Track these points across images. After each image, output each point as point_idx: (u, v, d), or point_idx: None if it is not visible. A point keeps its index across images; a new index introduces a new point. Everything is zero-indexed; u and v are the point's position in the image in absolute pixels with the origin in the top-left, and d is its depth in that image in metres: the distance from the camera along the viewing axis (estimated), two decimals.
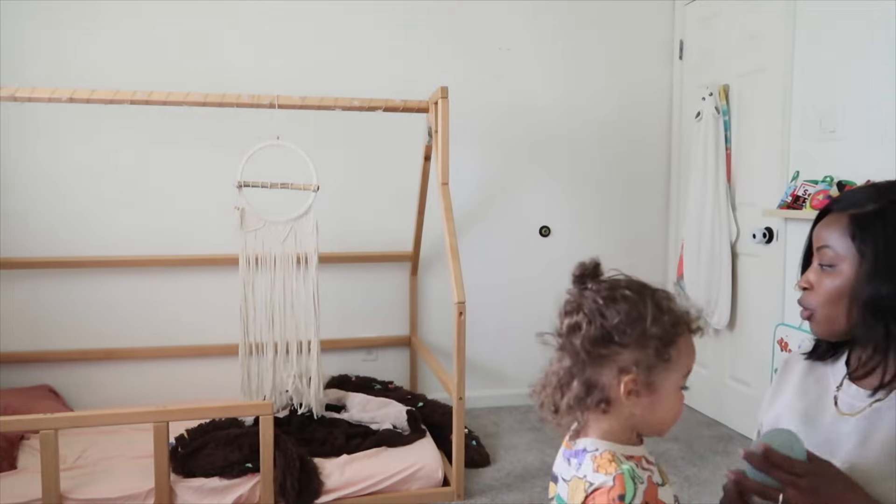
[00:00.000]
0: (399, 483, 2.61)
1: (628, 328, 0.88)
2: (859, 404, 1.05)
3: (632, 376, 0.89)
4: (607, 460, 0.89)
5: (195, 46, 3.34)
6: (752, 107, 3.21)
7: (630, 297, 0.90)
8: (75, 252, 3.30)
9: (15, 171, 3.23)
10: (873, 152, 2.55)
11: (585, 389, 0.91)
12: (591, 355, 0.90)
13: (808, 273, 1.07)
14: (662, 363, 0.90)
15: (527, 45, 3.71)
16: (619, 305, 0.89)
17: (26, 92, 2.59)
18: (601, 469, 0.88)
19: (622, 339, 0.89)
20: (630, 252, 3.91)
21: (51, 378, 3.31)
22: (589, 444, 0.92)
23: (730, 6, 3.36)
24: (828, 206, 1.07)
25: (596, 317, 0.89)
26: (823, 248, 1.04)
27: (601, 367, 0.91)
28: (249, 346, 2.84)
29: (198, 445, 2.59)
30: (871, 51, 2.56)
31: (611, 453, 0.90)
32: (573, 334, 0.91)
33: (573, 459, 0.94)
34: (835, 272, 1.02)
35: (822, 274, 1.04)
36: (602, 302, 0.90)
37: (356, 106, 2.83)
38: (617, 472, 0.87)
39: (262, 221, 2.81)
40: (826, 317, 1.04)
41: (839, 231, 1.02)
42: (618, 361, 0.90)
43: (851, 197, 1.05)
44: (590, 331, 0.89)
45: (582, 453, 0.92)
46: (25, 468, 2.52)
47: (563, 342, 0.93)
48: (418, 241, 3.53)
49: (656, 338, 0.89)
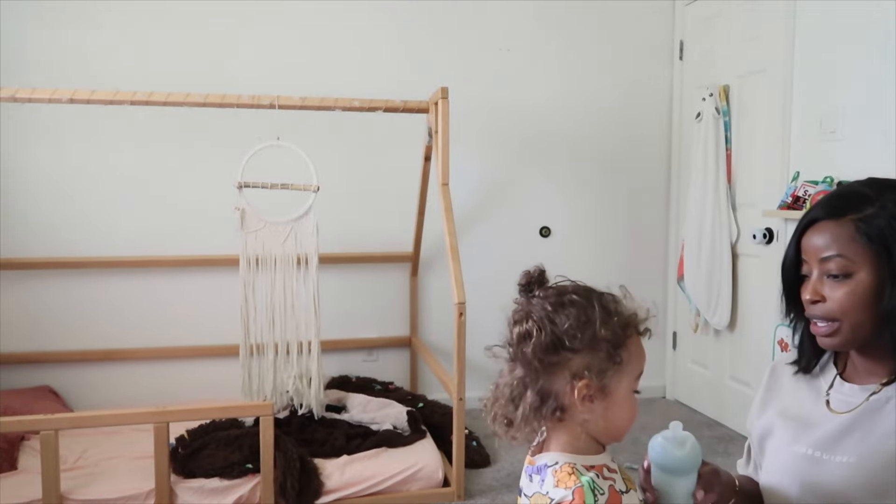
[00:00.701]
0: (399, 484, 2.61)
1: (578, 333, 0.88)
2: (855, 400, 1.05)
3: (585, 381, 0.88)
4: (567, 473, 0.88)
5: (195, 47, 3.34)
6: (752, 107, 3.21)
7: (578, 302, 0.90)
8: (76, 252, 3.30)
9: (15, 172, 3.23)
10: (874, 153, 2.55)
11: (540, 399, 0.90)
12: (543, 363, 0.89)
13: (814, 285, 1.03)
14: (614, 366, 0.90)
15: (527, 45, 3.71)
16: (568, 310, 0.89)
17: (26, 93, 2.59)
18: (561, 483, 0.87)
19: (573, 345, 0.88)
20: (630, 253, 3.91)
21: (51, 379, 3.31)
22: (549, 459, 0.91)
23: (730, 7, 3.36)
24: (812, 216, 1.04)
25: (545, 323, 0.89)
26: (833, 258, 1.00)
27: (554, 374, 0.90)
28: (250, 346, 2.84)
29: (198, 446, 2.59)
30: (872, 51, 2.56)
31: (570, 466, 0.89)
32: (524, 343, 0.90)
33: (535, 476, 0.92)
34: (851, 280, 0.99)
35: (834, 284, 1.01)
36: (550, 308, 0.89)
37: (356, 106, 2.83)
38: (576, 485, 0.86)
39: (263, 222, 2.81)
40: (852, 326, 1.01)
41: (847, 237, 0.99)
42: (570, 367, 0.89)
43: (835, 202, 1.03)
44: (540, 338, 0.88)
45: (543, 469, 0.91)
46: (26, 469, 2.52)
47: (513, 352, 0.92)
48: (418, 242, 3.53)
49: (606, 340, 0.88)
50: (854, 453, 1.00)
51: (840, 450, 1.02)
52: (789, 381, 1.18)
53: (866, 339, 1.02)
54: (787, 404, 1.15)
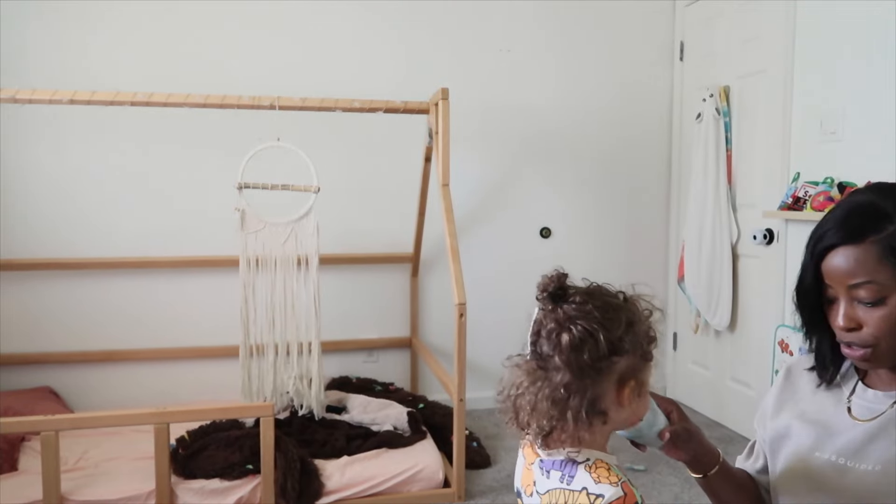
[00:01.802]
0: (400, 484, 2.61)
1: (626, 336, 0.88)
2: (879, 407, 1.02)
3: (633, 383, 0.90)
4: (605, 469, 0.87)
5: (196, 48, 3.34)
6: (752, 108, 3.21)
7: (621, 306, 0.90)
8: (76, 253, 3.30)
9: (16, 172, 3.23)
10: (874, 153, 2.55)
11: (590, 404, 0.88)
12: (595, 369, 0.88)
13: (847, 312, 0.98)
14: (646, 364, 0.92)
15: (527, 46, 3.71)
16: (614, 315, 0.89)
17: (27, 93, 2.59)
18: (603, 479, 0.86)
19: (623, 348, 0.88)
20: (630, 253, 3.91)
21: (52, 379, 3.31)
22: (577, 455, 0.89)
23: (730, 7, 3.36)
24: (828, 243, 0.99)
25: (598, 330, 0.87)
26: (861, 286, 0.95)
27: (602, 379, 0.89)
28: (250, 347, 2.84)
29: (198, 447, 2.59)
30: (872, 52, 2.56)
31: (604, 462, 0.89)
32: (577, 351, 0.87)
33: (554, 471, 0.90)
34: (886, 305, 0.94)
35: (868, 310, 0.96)
36: (599, 314, 0.88)
37: (357, 107, 2.83)
38: (621, 480, 0.86)
39: (263, 223, 2.81)
40: (887, 350, 0.97)
41: (872, 262, 0.94)
42: (617, 371, 0.89)
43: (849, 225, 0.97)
44: (597, 344, 0.87)
45: (571, 465, 0.89)
46: (26, 470, 2.52)
47: (560, 360, 0.88)
48: (419, 243, 3.53)
49: (645, 340, 0.91)
50: (880, 461, 0.98)
51: (866, 458, 1.00)
52: (807, 384, 1.15)
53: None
54: (806, 408, 1.12)
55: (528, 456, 0.97)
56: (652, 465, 2.91)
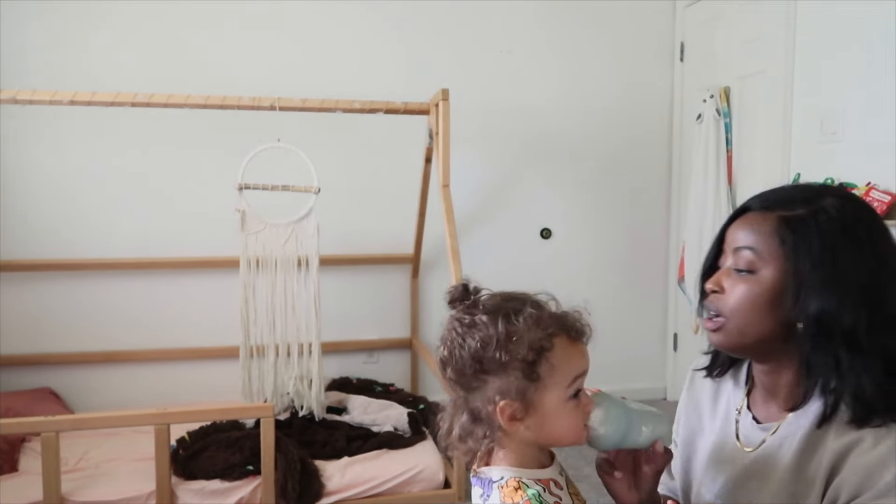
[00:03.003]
0: (400, 485, 2.61)
1: (486, 355, 0.84)
2: (754, 438, 0.97)
3: (505, 403, 0.84)
4: (513, 489, 0.85)
5: (196, 49, 3.34)
6: (752, 109, 3.21)
7: (482, 323, 0.85)
8: (76, 254, 3.30)
9: (16, 173, 3.23)
10: (874, 154, 2.55)
11: (471, 419, 0.87)
12: (464, 386, 0.87)
13: (719, 275, 0.95)
14: (533, 384, 0.84)
15: (527, 46, 3.71)
16: (474, 333, 0.85)
17: (27, 94, 2.59)
18: (507, 499, 0.85)
19: (485, 367, 0.84)
20: (631, 254, 3.91)
21: (52, 380, 3.30)
22: (494, 474, 0.88)
23: (730, 8, 3.37)
24: (746, 204, 0.96)
25: (456, 347, 0.86)
26: (742, 250, 0.92)
27: (477, 396, 0.86)
28: (250, 348, 2.84)
29: (199, 448, 2.59)
30: (872, 52, 2.56)
31: (516, 480, 0.86)
32: (444, 367, 0.88)
33: (478, 489, 0.89)
34: (754, 278, 0.90)
35: (737, 278, 0.92)
36: (461, 330, 0.86)
37: (357, 108, 2.83)
38: (523, 499, 0.84)
39: (263, 224, 2.81)
40: (738, 327, 0.92)
41: (765, 233, 0.90)
42: (487, 390, 0.86)
43: (775, 196, 0.94)
44: (454, 362, 0.86)
45: (488, 484, 0.88)
46: (26, 470, 2.52)
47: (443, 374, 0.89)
48: (419, 244, 3.53)
49: (517, 360, 0.83)
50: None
51: (746, 499, 0.95)
52: (708, 395, 1.09)
53: (758, 348, 0.94)
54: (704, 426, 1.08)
55: (473, 471, 0.94)
56: None
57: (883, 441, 0.82)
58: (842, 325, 0.84)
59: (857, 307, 0.84)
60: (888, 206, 2.40)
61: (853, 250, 0.86)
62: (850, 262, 0.85)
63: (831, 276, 0.85)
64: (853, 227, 0.87)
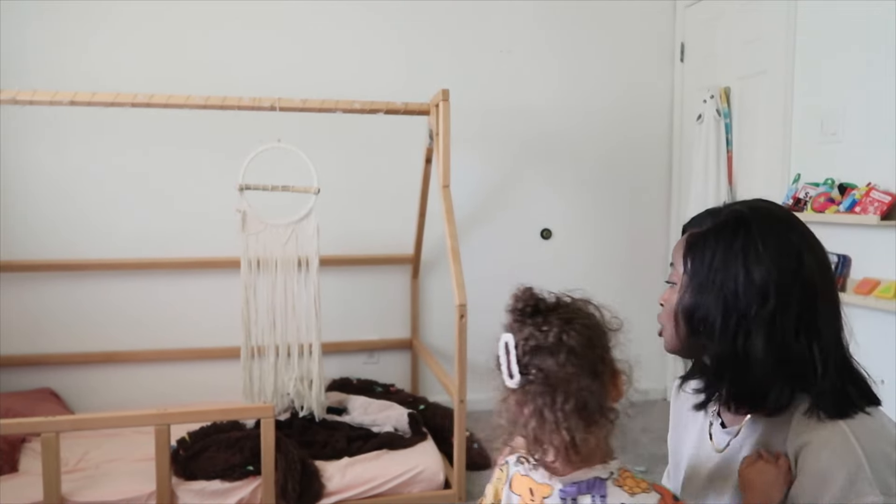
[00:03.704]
0: (400, 486, 2.61)
1: (603, 337, 0.89)
2: (721, 441, 1.02)
3: (623, 377, 0.89)
4: (631, 478, 0.85)
5: (196, 49, 3.35)
6: (753, 109, 3.21)
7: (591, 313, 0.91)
8: (77, 254, 3.30)
9: (16, 173, 3.23)
10: (874, 154, 2.55)
11: (601, 404, 0.86)
12: (603, 364, 0.87)
13: (666, 291, 1.05)
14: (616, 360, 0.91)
15: (528, 47, 3.71)
16: (587, 310, 0.90)
17: (27, 95, 2.59)
18: (636, 488, 0.84)
19: (606, 350, 0.89)
20: (631, 254, 3.91)
21: (52, 381, 3.30)
22: (600, 472, 0.86)
23: (731, 8, 3.37)
24: (684, 226, 1.06)
25: (593, 326, 0.88)
26: (671, 265, 1.03)
27: (604, 375, 0.88)
28: (251, 348, 2.84)
29: (199, 448, 2.59)
30: (872, 52, 2.56)
31: (623, 470, 0.87)
32: (590, 349, 0.86)
33: (582, 497, 0.85)
34: (674, 289, 1.00)
35: (669, 291, 1.02)
36: (584, 314, 0.89)
37: (357, 108, 2.83)
38: (650, 482, 0.84)
39: (264, 224, 2.81)
40: (667, 332, 1.02)
41: (679, 249, 1.00)
42: (607, 371, 0.88)
43: (698, 218, 1.03)
44: (600, 338, 0.88)
45: (598, 484, 0.85)
46: (27, 471, 2.52)
47: (565, 371, 0.84)
48: (419, 244, 3.53)
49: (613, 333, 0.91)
50: None
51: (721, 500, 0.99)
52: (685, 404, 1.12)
53: (688, 353, 1.03)
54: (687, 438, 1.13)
55: (535, 491, 0.89)
56: (652, 465, 2.91)
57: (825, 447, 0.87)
58: (707, 321, 0.93)
59: (717, 307, 0.92)
60: (888, 206, 2.40)
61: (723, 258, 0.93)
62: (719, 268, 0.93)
63: (705, 280, 0.94)
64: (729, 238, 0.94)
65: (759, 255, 0.91)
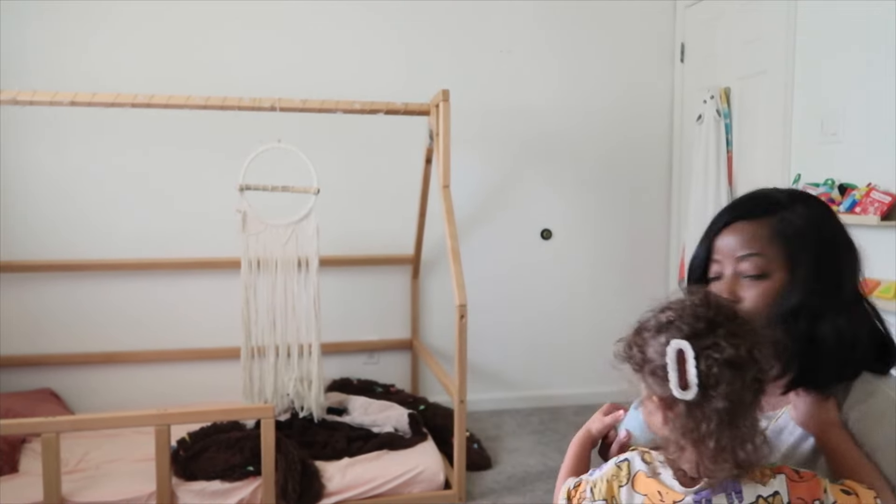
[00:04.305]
0: (400, 486, 2.61)
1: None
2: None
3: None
4: (767, 470, 0.85)
5: (197, 50, 3.34)
6: (753, 109, 3.21)
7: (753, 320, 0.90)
8: (77, 255, 3.30)
9: (16, 173, 3.23)
10: (874, 155, 2.55)
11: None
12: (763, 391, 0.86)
13: (730, 285, 0.99)
14: None
15: (528, 47, 3.71)
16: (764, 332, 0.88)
17: (28, 95, 2.59)
18: (766, 476, 0.84)
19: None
20: (631, 255, 3.91)
21: (52, 381, 3.30)
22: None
23: (731, 8, 3.37)
24: (731, 216, 1.03)
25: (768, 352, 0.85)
26: (750, 258, 0.98)
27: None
28: (251, 349, 2.84)
29: (199, 449, 2.59)
30: (872, 53, 2.56)
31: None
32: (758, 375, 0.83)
33: (717, 499, 0.83)
34: (767, 281, 0.96)
35: (750, 284, 0.98)
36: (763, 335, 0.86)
37: (357, 109, 2.83)
38: (771, 465, 0.85)
39: (264, 224, 2.81)
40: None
41: (766, 238, 0.97)
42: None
43: (754, 203, 1.03)
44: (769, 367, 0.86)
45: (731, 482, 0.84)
46: (27, 471, 2.52)
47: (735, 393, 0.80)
48: (419, 244, 3.53)
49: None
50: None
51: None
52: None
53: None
54: None
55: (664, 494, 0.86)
56: None
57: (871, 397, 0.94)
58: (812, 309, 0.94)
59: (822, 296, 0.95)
60: (888, 207, 2.40)
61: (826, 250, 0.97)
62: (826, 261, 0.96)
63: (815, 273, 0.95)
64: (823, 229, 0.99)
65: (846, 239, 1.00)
